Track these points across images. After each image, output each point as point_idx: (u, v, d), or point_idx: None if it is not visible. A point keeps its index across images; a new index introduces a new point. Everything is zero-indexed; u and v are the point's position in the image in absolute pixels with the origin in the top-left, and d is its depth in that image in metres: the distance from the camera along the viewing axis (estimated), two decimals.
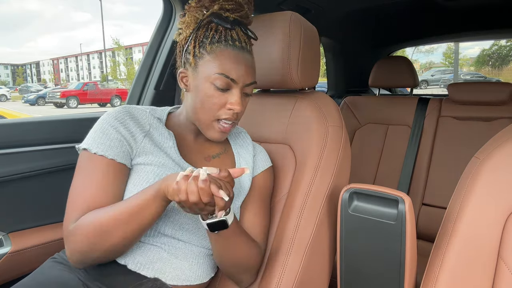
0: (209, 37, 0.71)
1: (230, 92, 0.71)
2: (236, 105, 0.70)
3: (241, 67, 0.71)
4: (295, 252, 0.79)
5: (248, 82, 0.73)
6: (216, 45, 0.70)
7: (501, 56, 23.36)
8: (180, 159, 0.75)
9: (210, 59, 0.70)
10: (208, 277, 0.77)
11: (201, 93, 0.71)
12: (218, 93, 0.70)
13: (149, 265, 0.69)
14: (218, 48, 0.70)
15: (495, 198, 0.54)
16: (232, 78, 0.70)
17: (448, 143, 1.60)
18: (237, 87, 0.71)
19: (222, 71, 0.69)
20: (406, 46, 2.70)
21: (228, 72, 0.69)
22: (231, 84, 0.70)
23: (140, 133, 0.73)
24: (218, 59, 0.70)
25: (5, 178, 0.97)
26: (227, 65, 0.69)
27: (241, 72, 0.71)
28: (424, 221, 1.55)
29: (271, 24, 0.90)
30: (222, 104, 0.71)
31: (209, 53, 0.70)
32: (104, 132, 0.69)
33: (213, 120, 0.72)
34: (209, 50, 0.70)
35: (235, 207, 0.78)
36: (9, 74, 75.46)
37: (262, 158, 0.86)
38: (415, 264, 0.67)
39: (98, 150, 0.68)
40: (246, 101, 0.76)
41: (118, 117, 0.72)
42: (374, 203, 0.68)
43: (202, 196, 0.56)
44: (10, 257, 0.96)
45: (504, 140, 0.58)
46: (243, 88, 0.72)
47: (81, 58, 65.28)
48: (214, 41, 0.70)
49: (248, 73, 0.72)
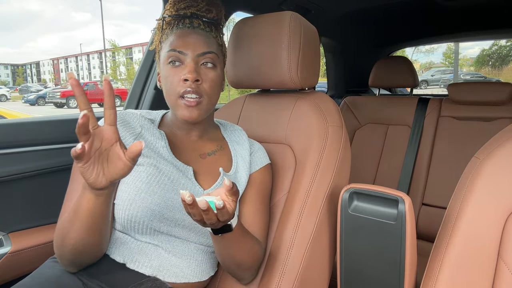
0: (166, 32, 0.77)
1: (183, 65, 0.73)
2: (188, 73, 0.70)
3: (189, 39, 0.73)
4: (295, 252, 0.79)
5: (200, 51, 0.73)
6: (169, 32, 0.76)
7: (501, 56, 23.35)
8: (173, 158, 0.75)
9: (165, 45, 0.76)
10: (207, 275, 0.78)
11: (163, 78, 0.75)
12: (173, 70, 0.73)
13: (148, 263, 0.69)
14: (170, 34, 0.76)
15: (495, 198, 0.54)
16: (179, 50, 0.72)
17: (448, 143, 1.60)
18: (188, 58, 0.72)
19: (170, 47, 0.73)
20: (406, 46, 2.70)
21: (175, 46, 0.73)
22: (181, 57, 0.73)
23: (130, 136, 0.73)
24: (169, 40, 0.75)
25: (5, 178, 0.97)
26: (174, 41, 0.74)
27: (190, 42, 0.73)
28: (424, 221, 1.55)
29: (271, 24, 0.90)
30: (179, 79, 0.72)
31: (164, 42, 0.76)
32: None
33: (177, 98, 0.72)
34: (164, 40, 0.77)
35: None
36: (9, 74, 75.46)
37: (260, 155, 0.86)
38: (415, 264, 0.67)
39: None
40: (211, 73, 0.74)
41: None
42: (374, 203, 0.68)
43: (206, 220, 0.56)
44: (10, 257, 0.96)
45: (504, 140, 0.58)
46: (196, 59, 0.73)
47: (81, 58, 65.28)
48: (167, 32, 0.77)
49: (198, 43, 0.74)
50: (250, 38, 0.93)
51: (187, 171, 0.75)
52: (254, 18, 0.95)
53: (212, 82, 0.74)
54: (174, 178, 0.72)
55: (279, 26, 0.89)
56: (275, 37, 0.89)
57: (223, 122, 0.92)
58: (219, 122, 0.90)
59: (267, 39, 0.90)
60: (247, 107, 1.04)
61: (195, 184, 0.75)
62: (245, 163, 0.83)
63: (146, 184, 0.69)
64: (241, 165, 0.83)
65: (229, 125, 0.91)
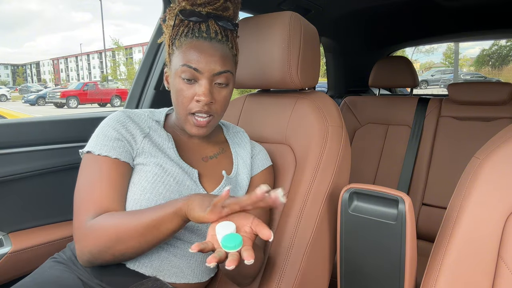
0: (179, 33, 0.71)
1: (198, 84, 0.70)
2: (202, 96, 0.69)
3: (206, 56, 0.69)
4: (295, 252, 0.79)
5: (217, 71, 0.70)
6: (184, 39, 0.71)
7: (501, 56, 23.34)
8: (179, 160, 0.75)
9: (178, 53, 0.71)
10: (208, 276, 0.78)
11: (174, 88, 0.72)
12: (186, 85, 0.70)
13: (148, 263, 0.69)
14: (185, 41, 0.70)
15: (495, 198, 0.54)
16: (195, 68, 0.69)
17: (448, 143, 1.60)
18: (204, 77, 0.70)
19: (186, 62, 0.69)
20: (406, 46, 2.70)
21: (191, 62, 0.69)
22: (196, 74, 0.69)
23: (140, 134, 0.74)
24: (183, 51, 0.70)
25: (5, 178, 0.97)
26: (191, 55, 0.69)
27: (206, 61, 0.69)
28: (424, 221, 1.55)
29: (271, 24, 0.90)
30: (191, 97, 0.70)
31: (178, 48, 0.71)
32: (106, 134, 0.71)
33: (187, 114, 0.72)
34: (178, 46, 0.71)
35: None
36: (9, 74, 75.44)
37: (262, 157, 0.86)
38: (415, 264, 0.67)
39: (102, 152, 0.69)
40: (224, 92, 0.73)
41: (119, 120, 0.73)
42: (374, 203, 0.68)
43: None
44: (10, 257, 0.96)
45: (504, 140, 0.58)
46: (212, 78, 0.70)
47: (81, 58, 65.26)
48: (182, 36, 0.71)
49: (215, 61, 0.70)
50: (250, 38, 0.93)
51: (192, 173, 0.75)
52: (254, 18, 0.95)
53: (224, 101, 0.74)
54: (179, 179, 0.72)
55: (279, 26, 0.89)
56: (275, 37, 0.89)
57: (226, 123, 0.91)
58: (222, 123, 0.90)
59: (267, 39, 0.90)
60: (247, 107, 1.04)
61: (200, 187, 0.75)
62: (246, 166, 0.83)
63: (152, 184, 0.69)
64: (242, 168, 0.83)
65: (231, 127, 0.90)
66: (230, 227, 0.53)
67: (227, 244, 0.50)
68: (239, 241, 0.51)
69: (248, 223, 0.56)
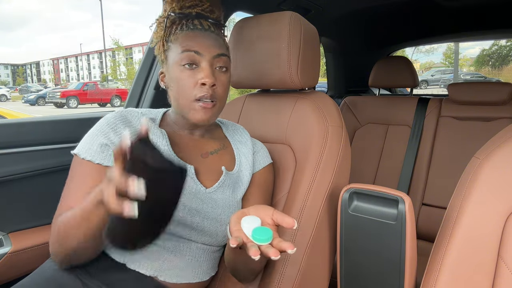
0: (173, 30, 0.75)
1: (199, 68, 0.72)
2: (206, 78, 0.70)
3: (204, 40, 0.73)
4: (295, 251, 0.79)
5: (215, 53, 0.73)
6: (179, 32, 0.74)
7: (501, 56, 23.35)
8: (174, 157, 0.75)
9: (175, 45, 0.74)
10: (208, 276, 0.78)
11: (174, 80, 0.73)
12: (188, 72, 0.72)
13: (148, 264, 0.69)
14: (181, 34, 0.74)
15: (495, 198, 0.54)
16: (195, 50, 0.71)
17: (448, 143, 1.60)
18: (205, 60, 0.72)
19: (185, 48, 0.72)
20: (406, 46, 2.70)
21: (190, 46, 0.71)
22: (197, 57, 0.72)
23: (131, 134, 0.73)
24: (181, 41, 0.73)
25: (5, 178, 0.97)
26: (189, 42, 0.72)
27: (204, 44, 0.72)
28: (424, 221, 1.55)
29: (271, 24, 0.90)
30: (195, 82, 0.71)
31: (173, 42, 0.74)
32: (93, 138, 0.72)
33: (192, 101, 0.72)
34: (173, 40, 0.74)
35: (235, 200, 0.78)
36: (9, 74, 75.43)
37: (263, 154, 0.87)
38: (415, 264, 0.67)
39: (86, 156, 0.70)
40: (224, 77, 0.75)
41: (110, 123, 0.73)
42: (374, 203, 0.68)
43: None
44: (10, 257, 0.96)
45: (504, 140, 0.58)
46: (212, 61, 0.72)
47: (81, 58, 65.25)
48: (177, 31, 0.75)
49: (213, 45, 0.73)
50: (250, 38, 0.93)
51: (188, 169, 0.75)
52: (254, 18, 0.95)
53: (225, 85, 0.76)
54: None
55: (279, 26, 0.89)
56: (275, 37, 0.89)
57: (224, 121, 0.91)
58: (220, 121, 0.90)
59: (267, 39, 0.90)
60: (247, 107, 1.04)
61: (197, 183, 0.75)
62: (248, 163, 0.83)
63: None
64: (244, 164, 0.83)
65: (230, 124, 0.91)
66: (256, 221, 0.55)
67: (259, 237, 0.52)
68: (270, 234, 0.52)
69: (269, 215, 0.57)
